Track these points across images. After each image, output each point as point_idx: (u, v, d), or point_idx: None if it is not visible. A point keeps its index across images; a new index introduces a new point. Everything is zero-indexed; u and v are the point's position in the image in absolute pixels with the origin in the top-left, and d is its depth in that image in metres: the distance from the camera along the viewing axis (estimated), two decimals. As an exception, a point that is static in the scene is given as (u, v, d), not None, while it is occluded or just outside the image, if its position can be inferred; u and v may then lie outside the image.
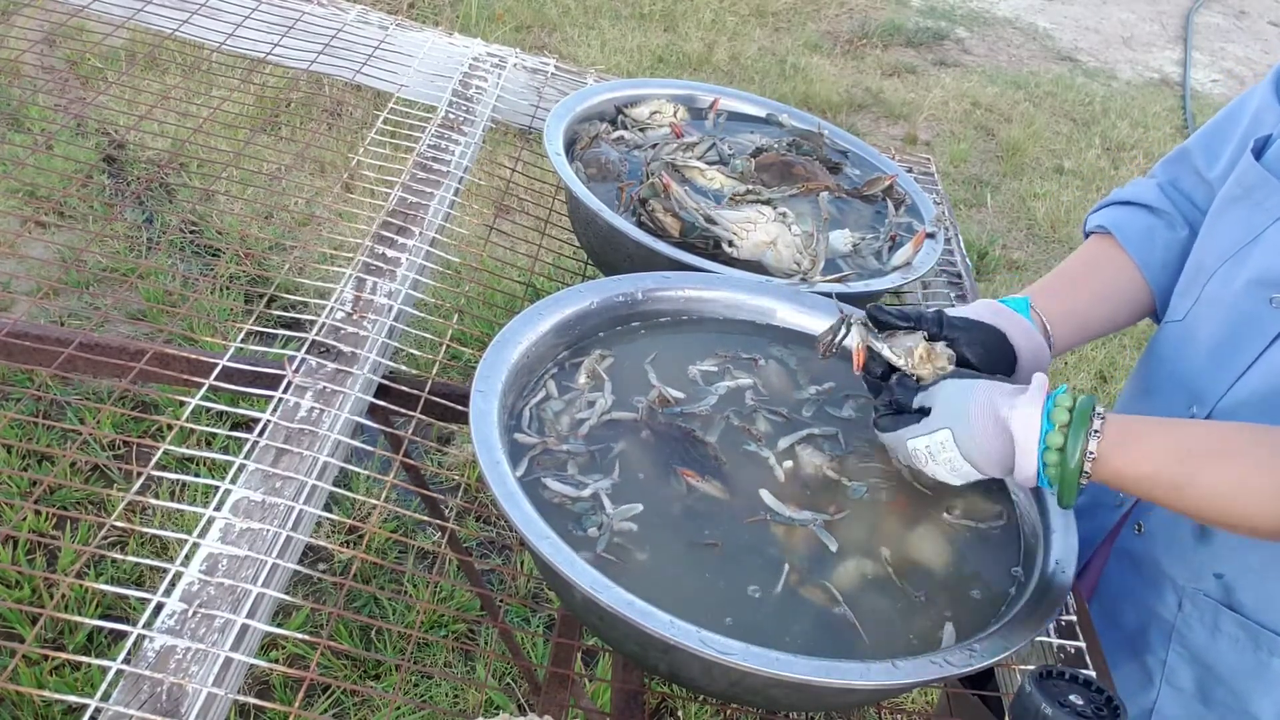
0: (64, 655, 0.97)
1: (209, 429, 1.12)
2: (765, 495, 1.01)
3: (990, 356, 1.06)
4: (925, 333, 1.06)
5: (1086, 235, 1.24)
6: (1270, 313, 0.96)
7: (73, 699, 0.83)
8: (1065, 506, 0.94)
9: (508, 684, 2.10)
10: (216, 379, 1.11)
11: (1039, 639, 1.04)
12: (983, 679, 1.14)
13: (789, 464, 1.06)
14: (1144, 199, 1.18)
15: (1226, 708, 1.04)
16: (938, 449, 0.97)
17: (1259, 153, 1.02)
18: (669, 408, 1.09)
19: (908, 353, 1.06)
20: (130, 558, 0.96)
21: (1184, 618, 1.05)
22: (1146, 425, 0.94)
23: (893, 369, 1.06)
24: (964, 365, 1.07)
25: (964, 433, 0.95)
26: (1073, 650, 1.06)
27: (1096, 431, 0.90)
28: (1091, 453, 0.90)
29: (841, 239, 1.43)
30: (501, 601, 2.11)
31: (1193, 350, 1.05)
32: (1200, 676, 1.05)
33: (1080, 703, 0.81)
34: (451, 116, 1.66)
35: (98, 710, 0.81)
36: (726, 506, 1.00)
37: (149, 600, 0.89)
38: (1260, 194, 1.00)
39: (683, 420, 1.08)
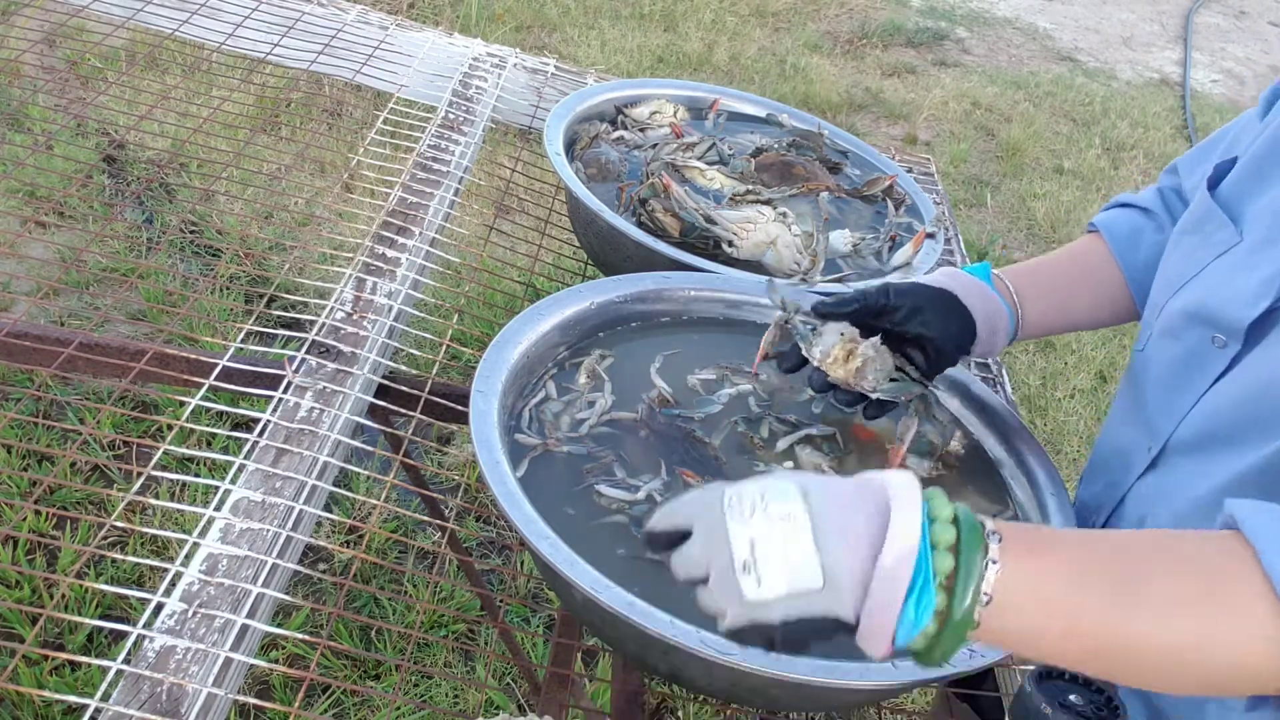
0: (64, 655, 0.97)
1: (209, 429, 1.12)
2: None
3: (940, 320, 1.04)
4: (846, 327, 1.04)
5: None
6: (1213, 352, 0.93)
7: (73, 699, 0.83)
8: (933, 664, 0.66)
9: (508, 684, 2.10)
10: (216, 379, 1.11)
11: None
12: (982, 679, 1.14)
13: (789, 465, 1.06)
14: (1140, 201, 1.18)
15: None
16: (772, 529, 0.64)
17: (1217, 181, 1.00)
18: (669, 408, 1.09)
19: (824, 354, 1.03)
20: (130, 558, 0.96)
21: None
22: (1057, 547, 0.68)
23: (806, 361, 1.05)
24: (908, 337, 1.04)
25: (821, 494, 0.66)
26: (1072, 650, 1.06)
27: (994, 561, 0.64)
28: (987, 594, 0.64)
29: (841, 239, 1.43)
30: (501, 601, 2.11)
31: (1150, 383, 1.03)
32: (1150, 713, 1.03)
33: (1080, 703, 0.81)
34: (451, 116, 1.66)
35: (98, 710, 0.81)
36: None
37: (149, 600, 0.89)
38: (1209, 227, 0.97)
39: (682, 421, 1.08)
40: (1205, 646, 0.65)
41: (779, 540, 0.64)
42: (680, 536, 0.69)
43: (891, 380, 1.05)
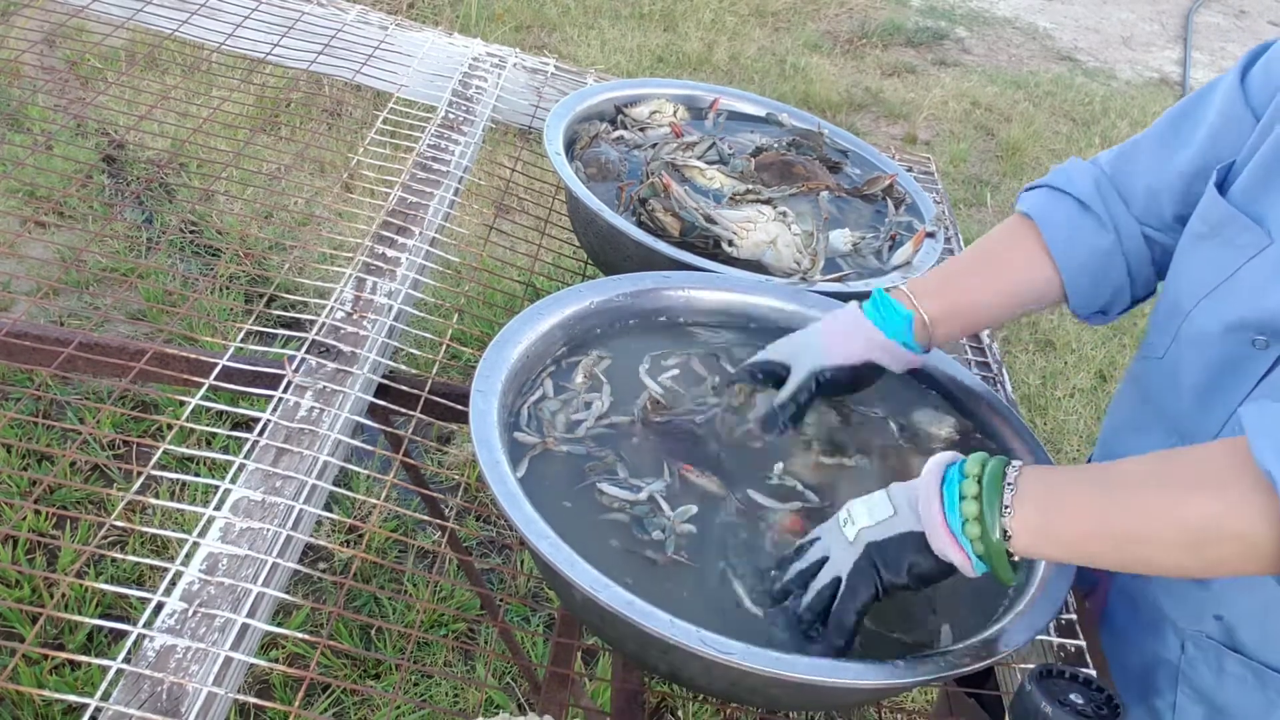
0: (64, 655, 0.97)
1: (209, 428, 1.12)
2: (755, 495, 1.02)
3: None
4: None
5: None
6: (1253, 354, 0.92)
7: (73, 698, 0.83)
8: (1005, 584, 0.89)
9: (508, 683, 2.10)
10: (216, 379, 1.11)
11: (1039, 637, 1.04)
12: (982, 678, 1.13)
13: (779, 465, 1.07)
14: (1077, 192, 1.11)
15: None
16: (858, 500, 0.92)
17: (1222, 185, 0.97)
18: (662, 411, 1.09)
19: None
20: (130, 557, 0.96)
21: (1188, 659, 1.03)
22: (1065, 473, 0.88)
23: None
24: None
25: (898, 490, 0.91)
26: (1073, 649, 1.06)
27: (1010, 484, 0.85)
28: (1008, 506, 0.84)
29: (841, 238, 1.43)
30: (501, 601, 2.11)
31: (1177, 390, 1.02)
32: (1211, 717, 1.03)
33: (1080, 701, 0.81)
34: (451, 116, 1.66)
35: (98, 710, 0.81)
36: (727, 504, 1.01)
37: (149, 600, 0.89)
38: (1230, 231, 0.95)
39: (678, 422, 1.08)
40: (1212, 525, 0.77)
41: (861, 501, 0.92)
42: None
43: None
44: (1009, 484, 0.85)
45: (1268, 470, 0.74)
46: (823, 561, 0.91)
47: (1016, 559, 0.86)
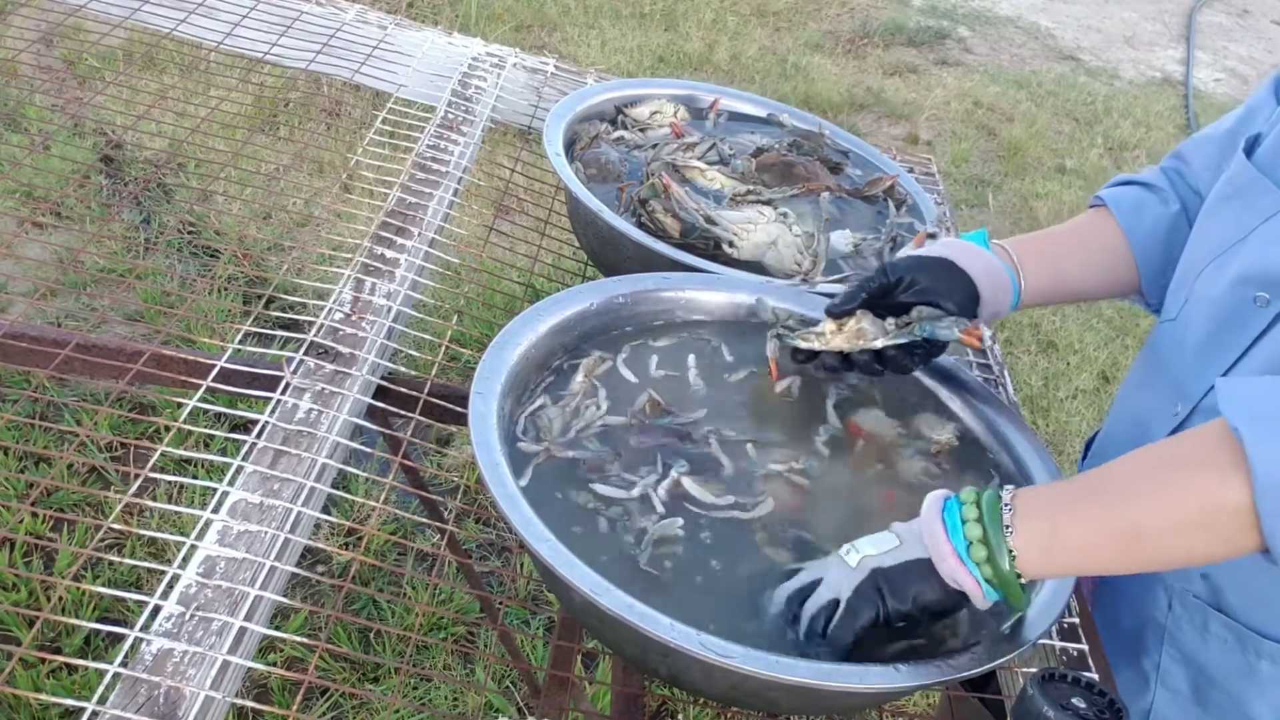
0: (61, 658, 0.96)
1: (207, 430, 1.12)
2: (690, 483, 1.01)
3: (940, 284, 1.06)
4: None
5: None
6: (1255, 311, 0.95)
7: (70, 702, 0.83)
8: (1017, 610, 0.88)
9: (507, 687, 2.10)
10: (214, 380, 1.11)
11: (1041, 641, 1.04)
12: (984, 681, 1.13)
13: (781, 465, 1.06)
14: (1142, 178, 1.20)
15: (1223, 710, 1.03)
16: (862, 538, 0.89)
17: (1249, 151, 1.01)
18: (659, 415, 1.08)
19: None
20: (128, 560, 0.95)
21: (1174, 619, 1.05)
22: (1058, 486, 0.88)
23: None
24: (912, 306, 1.07)
25: (901, 526, 0.90)
26: (1075, 653, 1.05)
27: (1008, 505, 0.85)
28: (1009, 526, 0.83)
29: (842, 239, 1.42)
30: (501, 604, 2.10)
31: (1181, 348, 1.04)
32: (1194, 679, 1.05)
33: (1082, 705, 0.81)
34: (451, 116, 1.65)
35: (95, 713, 0.80)
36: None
37: (146, 603, 0.88)
38: (1251, 194, 0.99)
39: (676, 424, 1.07)
40: (1214, 498, 0.77)
41: (865, 538, 0.89)
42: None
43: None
44: (1006, 505, 0.85)
45: (1235, 426, 0.75)
46: (816, 584, 0.89)
47: (1025, 581, 0.84)
